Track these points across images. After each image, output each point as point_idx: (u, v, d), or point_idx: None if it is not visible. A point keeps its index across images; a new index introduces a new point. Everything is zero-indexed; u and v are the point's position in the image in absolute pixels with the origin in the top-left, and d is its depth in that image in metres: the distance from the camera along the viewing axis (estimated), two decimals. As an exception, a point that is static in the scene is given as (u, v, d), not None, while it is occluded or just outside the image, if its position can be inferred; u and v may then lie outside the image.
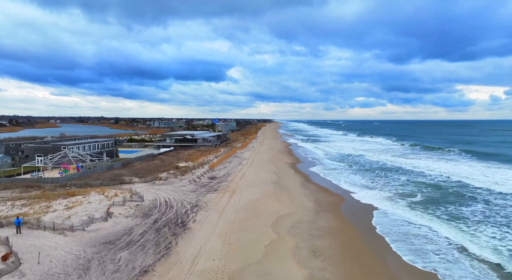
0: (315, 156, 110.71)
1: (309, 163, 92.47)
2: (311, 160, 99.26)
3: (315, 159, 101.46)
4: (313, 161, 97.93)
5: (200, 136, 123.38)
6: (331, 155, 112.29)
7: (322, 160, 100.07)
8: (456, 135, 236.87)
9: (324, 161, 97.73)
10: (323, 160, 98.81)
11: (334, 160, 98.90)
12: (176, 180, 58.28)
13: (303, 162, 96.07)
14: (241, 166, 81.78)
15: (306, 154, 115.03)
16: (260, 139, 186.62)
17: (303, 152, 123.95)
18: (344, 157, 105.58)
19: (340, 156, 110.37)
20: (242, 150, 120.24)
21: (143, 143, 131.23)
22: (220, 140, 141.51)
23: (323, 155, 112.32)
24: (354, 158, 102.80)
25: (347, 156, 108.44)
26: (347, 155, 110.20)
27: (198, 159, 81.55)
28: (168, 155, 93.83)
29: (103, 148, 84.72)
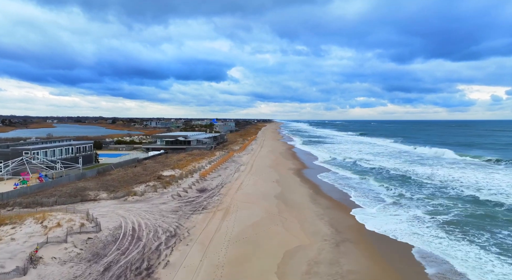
0: (322, 159, 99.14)
1: (316, 169, 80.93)
2: (318, 165, 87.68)
3: (322, 164, 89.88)
4: (320, 166, 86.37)
5: (193, 138, 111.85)
6: (339, 160, 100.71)
7: (330, 165, 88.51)
8: (464, 136, 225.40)
9: (332, 166, 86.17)
10: (331, 165, 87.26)
11: (344, 166, 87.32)
12: (156, 195, 46.72)
13: (309, 167, 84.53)
14: (238, 174, 70.26)
15: (312, 158, 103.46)
16: (260, 141, 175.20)
17: (308, 155, 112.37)
18: (354, 162, 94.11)
19: (350, 160, 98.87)
20: (240, 153, 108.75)
21: (132, 145, 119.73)
22: (216, 142, 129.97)
23: (330, 159, 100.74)
24: (365, 163, 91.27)
25: (358, 160, 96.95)
26: (358, 160, 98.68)
27: (188, 166, 70.04)
28: (155, 160, 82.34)
29: (78, 153, 73.18)
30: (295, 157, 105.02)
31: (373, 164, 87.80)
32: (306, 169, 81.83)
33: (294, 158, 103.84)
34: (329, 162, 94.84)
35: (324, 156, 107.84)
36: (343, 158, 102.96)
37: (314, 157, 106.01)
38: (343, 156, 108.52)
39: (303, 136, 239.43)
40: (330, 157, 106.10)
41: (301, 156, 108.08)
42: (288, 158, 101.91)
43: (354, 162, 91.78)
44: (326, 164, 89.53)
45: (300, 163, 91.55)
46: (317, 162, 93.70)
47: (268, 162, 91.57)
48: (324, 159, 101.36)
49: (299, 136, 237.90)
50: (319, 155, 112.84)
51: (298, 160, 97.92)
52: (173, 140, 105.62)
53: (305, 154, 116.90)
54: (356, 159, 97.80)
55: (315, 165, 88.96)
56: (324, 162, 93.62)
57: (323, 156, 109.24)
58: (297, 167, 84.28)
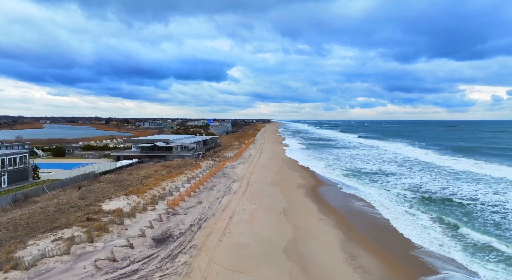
0: (339, 171, 77.76)
1: (336, 187, 59.61)
2: (337, 180, 66.26)
3: (342, 179, 68.47)
4: (341, 182, 64.95)
5: (177, 143, 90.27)
6: (361, 171, 79.43)
7: (355, 179, 67.21)
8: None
9: (358, 181, 64.90)
10: (357, 180, 65.98)
11: (374, 182, 66.08)
12: (62, 264, 25.02)
13: (326, 183, 63.22)
14: (228, 197, 48.83)
15: (326, 169, 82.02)
16: (259, 144, 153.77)
17: (319, 164, 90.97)
18: (381, 174, 72.95)
19: (377, 172, 77.60)
20: (234, 161, 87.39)
21: (103, 151, 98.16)
22: (207, 147, 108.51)
23: (350, 171, 79.44)
24: (403, 178, 70.09)
25: (389, 174, 75.69)
26: (389, 174, 77.38)
27: (155, 186, 48.55)
28: (119, 174, 60.94)
29: (2, 166, 51.63)
30: (304, 167, 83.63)
31: (415, 182, 66.62)
32: (322, 186, 60.48)
33: (303, 168, 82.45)
34: (350, 174, 73.44)
35: (341, 166, 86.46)
36: (364, 168, 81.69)
37: (330, 168, 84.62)
38: (363, 166, 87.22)
39: (306, 138, 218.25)
40: (348, 167, 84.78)
41: (311, 165, 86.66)
42: (295, 169, 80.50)
43: (382, 174, 70.57)
44: (349, 179, 68.10)
45: (312, 176, 70.14)
46: (335, 175, 72.26)
47: (269, 175, 70.21)
48: (342, 169, 79.98)
49: (301, 138, 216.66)
50: (333, 164, 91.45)
51: (308, 172, 76.51)
52: (150, 146, 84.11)
53: (316, 162, 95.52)
54: (384, 171, 76.57)
55: (333, 179, 67.55)
56: (344, 175, 72.20)
57: (339, 165, 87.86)
58: (308, 182, 62.90)
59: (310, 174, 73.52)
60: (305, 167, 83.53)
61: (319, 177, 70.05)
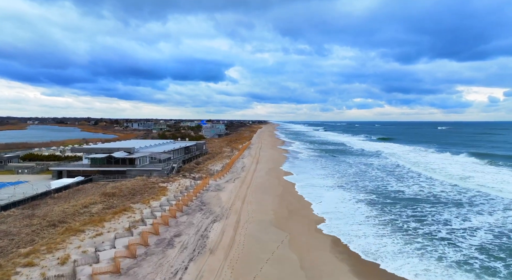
0: (364, 194, 55.00)
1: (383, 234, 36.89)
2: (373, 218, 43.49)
3: (376, 212, 45.69)
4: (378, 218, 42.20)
5: (143, 153, 66.96)
6: (401, 197, 56.79)
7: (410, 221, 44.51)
8: None
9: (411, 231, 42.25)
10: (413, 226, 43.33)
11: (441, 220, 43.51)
12: None
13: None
14: (195, 268, 25.91)
15: (342, 186, 59.19)
16: (255, 149, 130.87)
17: (338, 184, 68.22)
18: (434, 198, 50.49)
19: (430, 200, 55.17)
20: (222, 178, 64.51)
21: (50, 161, 74.61)
22: (188, 155, 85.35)
23: (382, 194, 56.77)
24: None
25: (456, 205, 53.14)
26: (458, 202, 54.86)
27: (74, 236, 25.60)
28: (32, 207, 37.89)
29: None
30: (316, 186, 60.85)
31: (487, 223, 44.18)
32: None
33: (315, 187, 59.70)
34: (387, 203, 50.77)
35: (364, 188, 63.75)
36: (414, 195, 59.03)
37: (348, 188, 61.96)
38: (405, 185, 64.69)
39: (307, 141, 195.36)
40: (374, 188, 62.14)
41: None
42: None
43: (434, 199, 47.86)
44: (384, 213, 45.32)
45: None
46: (366, 208, 49.53)
47: (270, 203, 47.39)
48: (366, 192, 57.24)
49: (303, 141, 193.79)
50: (352, 181, 68.75)
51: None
52: (104, 158, 60.91)
53: (331, 179, 72.89)
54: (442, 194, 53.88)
55: (367, 215, 44.79)
56: (372, 204, 49.45)
57: (365, 186, 65.16)
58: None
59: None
60: (318, 185, 60.83)
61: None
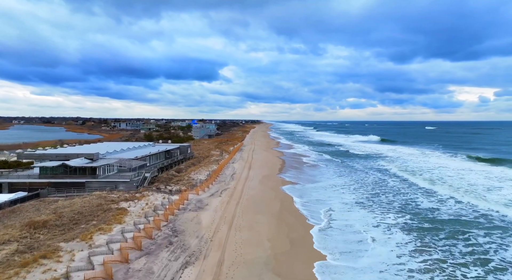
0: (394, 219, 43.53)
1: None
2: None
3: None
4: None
5: (110, 159, 54.49)
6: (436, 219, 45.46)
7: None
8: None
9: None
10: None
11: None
12: None
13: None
14: None
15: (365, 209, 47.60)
16: (247, 152, 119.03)
17: (344, 196, 56.62)
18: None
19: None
20: (206, 190, 52.50)
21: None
22: (169, 161, 73.06)
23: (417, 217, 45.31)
24: None
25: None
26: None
27: None
28: None
29: None
30: (322, 201, 49.27)
31: None
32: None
33: (321, 202, 48.08)
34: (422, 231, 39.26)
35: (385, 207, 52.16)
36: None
37: (366, 202, 50.48)
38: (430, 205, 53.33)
39: (305, 142, 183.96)
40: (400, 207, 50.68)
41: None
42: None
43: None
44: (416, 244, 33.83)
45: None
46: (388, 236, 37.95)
47: (266, 231, 35.59)
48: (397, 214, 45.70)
49: (300, 143, 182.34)
50: (381, 200, 57.22)
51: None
52: (57, 166, 48.53)
53: (340, 191, 61.37)
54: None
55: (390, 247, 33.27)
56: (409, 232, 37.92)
57: (390, 201, 53.57)
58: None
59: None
60: (325, 200, 49.22)
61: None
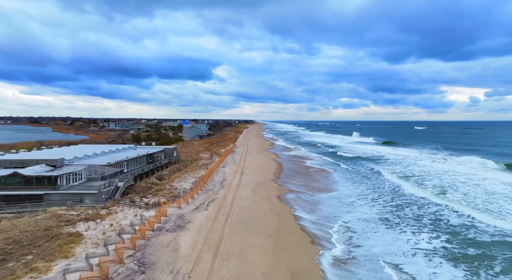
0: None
1: None
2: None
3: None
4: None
5: (76, 168, 46.07)
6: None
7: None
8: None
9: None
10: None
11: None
12: None
13: None
14: None
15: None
16: (240, 154, 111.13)
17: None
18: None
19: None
20: (189, 203, 44.50)
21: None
22: (151, 166, 64.82)
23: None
24: None
25: None
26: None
27: None
28: None
29: None
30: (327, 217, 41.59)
31: None
32: None
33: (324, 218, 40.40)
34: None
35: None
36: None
37: (393, 219, 42.90)
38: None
39: (300, 143, 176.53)
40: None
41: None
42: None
43: None
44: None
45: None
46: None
47: (261, 261, 27.78)
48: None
49: (295, 143, 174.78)
50: (406, 215, 49.58)
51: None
52: (8, 176, 39.98)
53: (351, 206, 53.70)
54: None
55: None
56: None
57: (418, 216, 45.92)
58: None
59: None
60: (338, 215, 41.58)
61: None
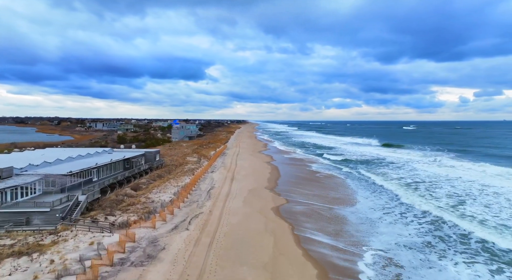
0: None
1: None
2: None
3: None
4: None
5: (25, 179, 37.29)
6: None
7: None
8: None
9: None
10: None
11: None
12: None
13: None
14: None
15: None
16: (231, 156, 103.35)
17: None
18: None
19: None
20: (166, 221, 36.74)
21: None
22: (128, 173, 56.65)
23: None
24: None
25: None
26: None
27: None
28: None
29: None
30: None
31: None
32: None
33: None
34: None
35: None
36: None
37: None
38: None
39: (295, 145, 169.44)
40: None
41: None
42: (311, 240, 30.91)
43: None
44: None
45: None
46: None
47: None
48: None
49: (290, 145, 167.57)
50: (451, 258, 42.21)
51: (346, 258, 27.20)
52: None
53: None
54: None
55: None
56: None
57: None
58: None
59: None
60: (366, 238, 34.11)
61: None
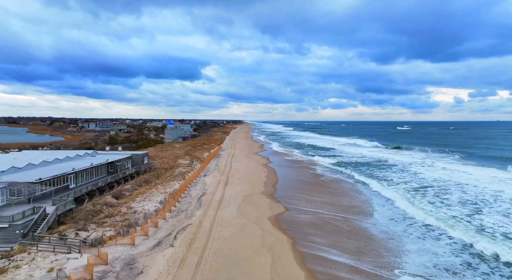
0: None
1: None
2: None
3: None
4: None
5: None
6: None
7: None
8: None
9: None
10: None
11: None
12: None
13: None
14: None
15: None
16: (225, 158, 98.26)
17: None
18: None
19: None
20: (149, 235, 31.71)
21: None
22: (112, 178, 51.33)
23: None
24: None
25: None
26: None
27: None
28: None
29: None
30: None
31: None
32: None
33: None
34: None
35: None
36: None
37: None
38: None
39: (293, 145, 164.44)
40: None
41: None
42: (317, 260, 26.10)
43: None
44: None
45: None
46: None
47: None
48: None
49: (287, 146, 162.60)
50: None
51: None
52: None
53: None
54: None
55: None
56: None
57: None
58: None
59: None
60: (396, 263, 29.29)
61: None
